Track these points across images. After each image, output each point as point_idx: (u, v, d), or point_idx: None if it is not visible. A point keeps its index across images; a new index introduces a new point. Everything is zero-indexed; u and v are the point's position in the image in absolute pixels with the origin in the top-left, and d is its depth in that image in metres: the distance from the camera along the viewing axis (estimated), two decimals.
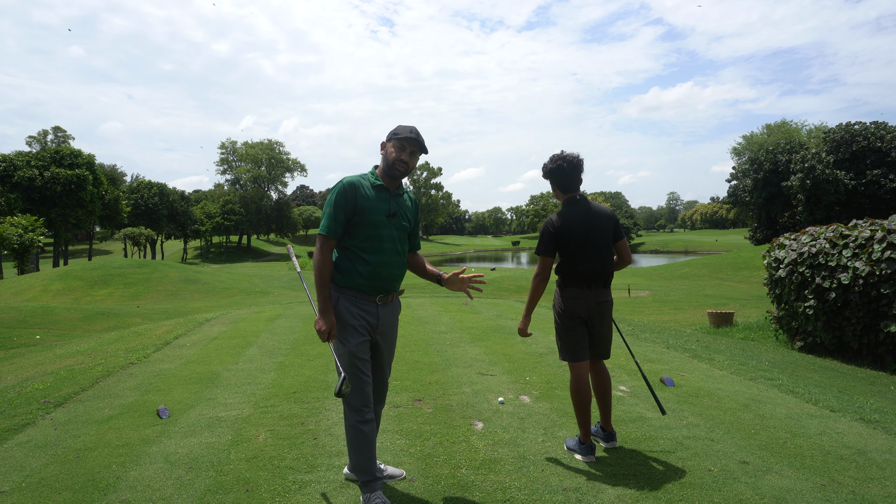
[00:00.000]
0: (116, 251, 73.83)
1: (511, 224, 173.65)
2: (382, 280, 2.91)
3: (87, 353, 7.41)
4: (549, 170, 3.56)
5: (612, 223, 3.54)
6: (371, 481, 2.81)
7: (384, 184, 2.93)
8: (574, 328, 3.50)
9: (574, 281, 3.47)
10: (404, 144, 2.90)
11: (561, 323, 3.54)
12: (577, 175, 3.53)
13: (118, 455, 3.49)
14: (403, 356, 6.11)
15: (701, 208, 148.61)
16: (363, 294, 2.89)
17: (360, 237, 2.86)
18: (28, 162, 53.23)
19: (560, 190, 3.57)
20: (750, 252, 30.72)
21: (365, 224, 2.85)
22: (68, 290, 22.87)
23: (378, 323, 2.94)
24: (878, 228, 7.41)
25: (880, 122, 44.24)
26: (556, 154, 3.56)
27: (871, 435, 3.81)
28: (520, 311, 10.25)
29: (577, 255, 3.44)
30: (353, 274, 2.87)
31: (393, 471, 3.14)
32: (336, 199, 2.83)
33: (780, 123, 70.71)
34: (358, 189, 2.85)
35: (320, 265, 2.83)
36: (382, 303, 2.95)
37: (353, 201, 2.83)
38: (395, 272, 2.96)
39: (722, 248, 65.14)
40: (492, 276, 25.40)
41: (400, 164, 2.89)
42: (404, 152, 2.90)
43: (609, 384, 3.63)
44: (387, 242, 2.90)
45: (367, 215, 2.84)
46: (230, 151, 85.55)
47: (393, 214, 2.91)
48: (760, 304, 15.16)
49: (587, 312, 3.48)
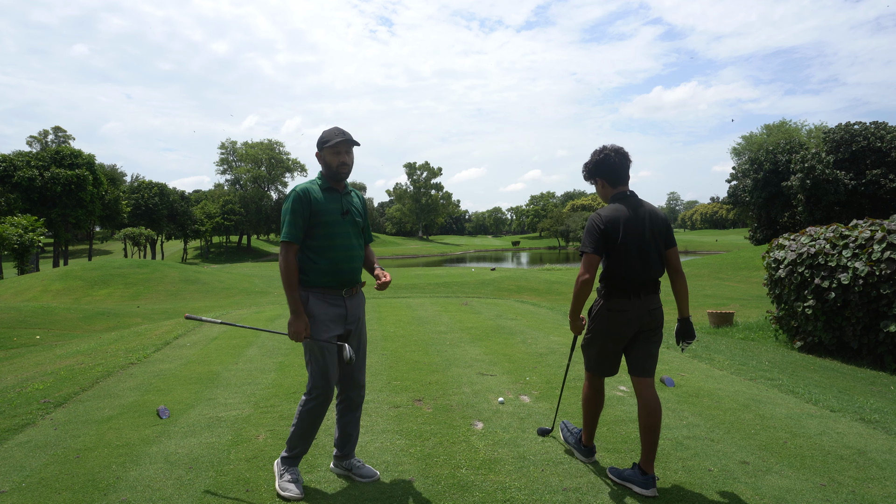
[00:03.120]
0: (116, 251, 73.82)
1: (511, 224, 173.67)
2: (345, 274, 3.10)
3: (87, 353, 7.41)
4: (596, 162, 3.18)
5: (665, 226, 3.13)
6: (295, 458, 3.09)
7: (332, 186, 3.12)
8: (610, 347, 3.15)
9: (622, 290, 3.04)
10: (339, 148, 3.06)
11: (598, 339, 3.17)
12: (627, 166, 3.16)
13: (118, 455, 3.49)
14: (403, 356, 6.11)
15: (701, 208, 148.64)
16: (330, 289, 3.08)
17: (320, 238, 3.04)
18: (28, 162, 53.21)
19: (609, 184, 3.17)
20: (750, 252, 30.72)
21: (322, 225, 3.03)
22: (68, 290, 22.87)
23: (348, 314, 3.12)
24: (878, 228, 7.41)
25: (880, 122, 44.21)
26: (597, 149, 3.21)
27: (871, 435, 3.81)
28: (520, 311, 10.24)
29: (627, 259, 3.01)
30: (318, 273, 3.05)
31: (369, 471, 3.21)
32: (293, 206, 3.00)
33: (780, 123, 70.73)
34: (311, 194, 3.05)
35: (286, 270, 2.99)
36: (349, 295, 3.14)
37: (309, 206, 3.02)
38: (355, 265, 3.16)
39: (722, 248, 65.14)
40: (492, 276, 25.39)
41: (342, 166, 3.08)
42: (341, 155, 3.07)
43: (659, 414, 3.08)
44: (344, 239, 3.09)
45: (322, 216, 3.03)
46: (230, 151, 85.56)
47: (346, 212, 3.11)
48: (760, 304, 15.16)
49: (638, 325, 3.07)
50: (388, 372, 5.44)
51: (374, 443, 3.66)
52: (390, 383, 5.03)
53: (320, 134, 3.12)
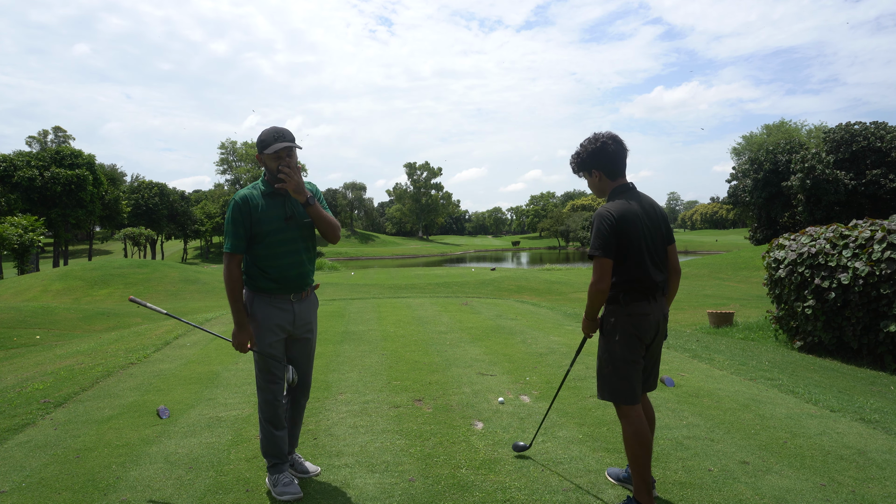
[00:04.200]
0: (116, 251, 73.81)
1: (511, 224, 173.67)
2: (291, 281, 3.02)
3: (87, 353, 7.41)
4: (592, 152, 2.87)
5: (667, 221, 2.90)
6: (279, 464, 3.06)
7: (275, 190, 2.97)
8: (638, 360, 2.80)
9: (641, 293, 2.75)
10: (279, 153, 2.89)
11: (623, 354, 2.78)
12: (625, 155, 2.89)
13: (118, 455, 3.49)
14: (403, 356, 6.11)
15: (701, 208, 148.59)
16: (276, 294, 3.01)
17: (263, 245, 2.94)
18: (28, 162, 53.21)
19: (607, 175, 2.88)
20: (750, 252, 30.71)
21: (264, 233, 2.92)
22: (68, 290, 22.86)
23: (295, 319, 3.05)
24: (879, 228, 7.41)
25: (880, 122, 44.19)
26: (590, 137, 2.90)
27: (871, 435, 3.81)
28: (520, 311, 10.25)
29: (643, 258, 2.74)
30: (264, 280, 2.99)
31: (310, 466, 3.24)
32: (233, 215, 2.92)
33: (780, 123, 70.76)
34: (250, 201, 2.92)
35: (230, 281, 2.93)
36: (297, 300, 3.06)
37: (248, 214, 2.91)
38: (303, 270, 3.04)
39: (722, 248, 65.12)
40: (492, 276, 25.40)
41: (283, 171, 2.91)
42: (282, 159, 2.90)
43: (654, 423, 3.02)
44: (289, 245, 2.98)
45: (263, 225, 2.92)
46: (230, 151, 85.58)
47: (290, 217, 2.97)
48: (760, 304, 15.16)
49: (655, 332, 2.83)
50: (388, 372, 5.44)
51: (374, 443, 3.66)
52: (390, 383, 5.03)
53: (259, 133, 2.92)
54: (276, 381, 3.06)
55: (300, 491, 2.97)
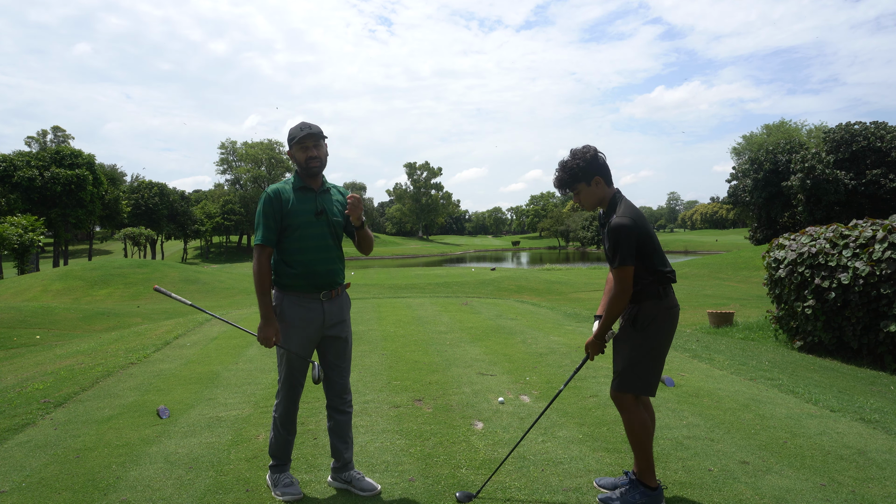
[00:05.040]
0: (116, 251, 73.79)
1: (511, 224, 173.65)
2: (320, 277, 2.98)
3: (87, 353, 7.41)
4: (589, 160, 2.91)
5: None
6: (281, 465, 3.06)
7: (307, 184, 3.01)
8: (667, 351, 2.96)
9: (669, 287, 2.91)
10: (306, 143, 2.94)
11: (664, 347, 2.92)
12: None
13: (118, 455, 3.49)
14: (403, 356, 6.11)
15: (701, 208, 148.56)
16: (305, 293, 2.97)
17: (292, 239, 2.95)
18: (28, 162, 53.19)
19: (606, 182, 2.97)
20: (750, 252, 30.70)
21: (293, 227, 2.94)
22: (68, 290, 22.86)
23: (325, 318, 3.00)
24: (879, 228, 7.41)
25: (880, 122, 44.18)
26: (579, 149, 2.96)
27: (871, 435, 3.81)
28: (520, 311, 10.24)
29: (660, 254, 2.89)
30: (292, 276, 2.96)
31: (368, 484, 3.03)
32: (264, 208, 2.93)
33: (780, 123, 70.74)
34: (282, 195, 2.95)
35: (258, 274, 2.92)
36: (327, 298, 3.01)
37: (279, 207, 2.93)
38: (332, 267, 3.02)
39: (722, 248, 65.10)
40: (492, 276, 25.40)
41: (311, 160, 2.95)
42: (308, 150, 2.95)
43: (654, 422, 3.10)
44: (318, 240, 2.98)
45: (294, 218, 2.93)
46: (230, 151, 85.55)
47: (320, 212, 2.98)
48: (760, 304, 15.15)
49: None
50: (388, 372, 5.44)
51: (374, 443, 3.66)
52: (390, 383, 5.03)
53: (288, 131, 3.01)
54: (298, 384, 3.03)
55: (300, 492, 2.96)
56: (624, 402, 2.93)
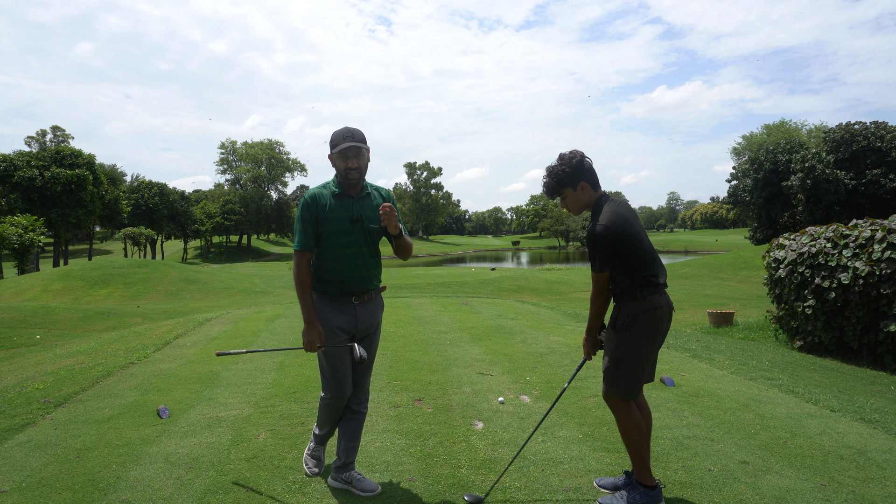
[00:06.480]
0: (116, 251, 73.79)
1: (511, 224, 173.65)
2: (352, 284, 3.01)
3: (87, 353, 7.41)
4: (576, 166, 2.95)
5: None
6: (325, 437, 3.28)
7: (345, 191, 3.00)
8: (650, 353, 2.94)
9: (653, 286, 2.88)
10: (346, 153, 2.93)
11: (646, 349, 2.91)
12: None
13: (118, 455, 3.49)
14: (403, 356, 6.11)
15: (701, 208, 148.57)
16: (337, 297, 3.01)
17: (327, 245, 2.97)
18: (28, 162, 53.17)
19: (592, 186, 3.00)
20: (750, 252, 30.70)
21: (329, 233, 2.95)
22: (68, 290, 22.86)
23: (357, 322, 3.04)
24: (879, 228, 7.41)
25: (880, 122, 44.22)
26: (566, 154, 3.00)
27: (871, 435, 3.81)
28: (520, 310, 10.24)
29: (648, 254, 2.91)
30: (325, 281, 3.01)
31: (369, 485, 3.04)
32: (302, 213, 2.96)
33: (780, 123, 70.72)
34: (319, 200, 2.96)
35: (299, 279, 2.95)
36: (359, 302, 3.05)
37: (317, 212, 2.95)
38: (365, 274, 3.04)
39: (722, 248, 65.11)
40: (492, 275, 25.40)
41: (351, 171, 2.95)
42: (349, 160, 2.94)
43: (651, 422, 3.09)
44: (352, 248, 2.99)
45: (329, 225, 2.94)
46: (230, 151, 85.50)
47: (356, 220, 2.97)
48: (760, 304, 15.15)
49: (667, 323, 2.96)
50: (388, 372, 5.44)
51: (374, 443, 3.66)
52: (390, 383, 5.03)
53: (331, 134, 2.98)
54: (342, 386, 3.03)
55: (318, 471, 3.24)
56: (613, 402, 2.96)
